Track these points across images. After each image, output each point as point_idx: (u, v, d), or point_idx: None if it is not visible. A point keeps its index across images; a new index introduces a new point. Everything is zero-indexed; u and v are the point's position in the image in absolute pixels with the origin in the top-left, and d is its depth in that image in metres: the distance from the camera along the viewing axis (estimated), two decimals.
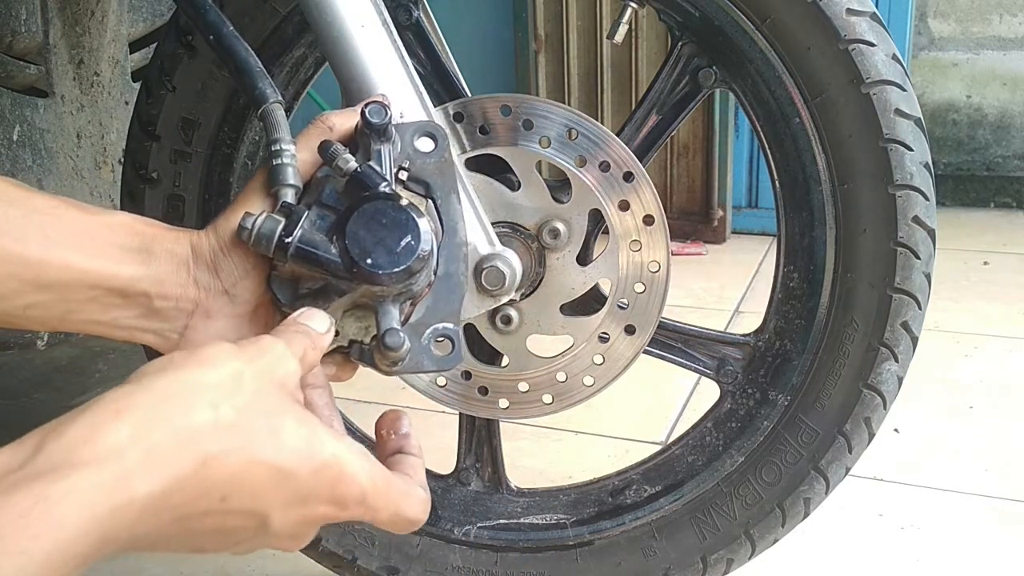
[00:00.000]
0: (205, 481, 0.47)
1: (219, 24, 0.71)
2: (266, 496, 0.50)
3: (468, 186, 0.81)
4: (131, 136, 0.99)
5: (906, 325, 0.91)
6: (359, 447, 0.56)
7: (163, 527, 0.47)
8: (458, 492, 1.07)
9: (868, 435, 0.95)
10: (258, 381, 0.52)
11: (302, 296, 0.64)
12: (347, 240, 0.60)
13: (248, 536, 0.52)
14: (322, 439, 0.53)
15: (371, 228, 0.61)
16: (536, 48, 2.87)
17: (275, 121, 0.66)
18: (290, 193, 0.63)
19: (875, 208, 0.88)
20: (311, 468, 0.52)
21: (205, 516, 0.48)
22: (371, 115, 0.64)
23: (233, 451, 0.48)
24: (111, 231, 0.63)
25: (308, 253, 0.60)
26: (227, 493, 0.48)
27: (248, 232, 0.61)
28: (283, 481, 0.51)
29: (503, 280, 0.80)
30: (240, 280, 0.64)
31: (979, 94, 3.27)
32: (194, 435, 0.47)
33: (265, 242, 0.60)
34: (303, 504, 0.52)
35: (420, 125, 0.70)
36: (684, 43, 0.93)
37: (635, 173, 0.86)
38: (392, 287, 0.62)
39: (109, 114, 1.43)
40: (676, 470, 1.02)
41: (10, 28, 1.20)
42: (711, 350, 1.00)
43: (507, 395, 0.94)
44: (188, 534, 0.49)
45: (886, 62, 0.85)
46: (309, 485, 0.52)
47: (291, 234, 0.60)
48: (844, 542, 1.32)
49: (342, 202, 0.62)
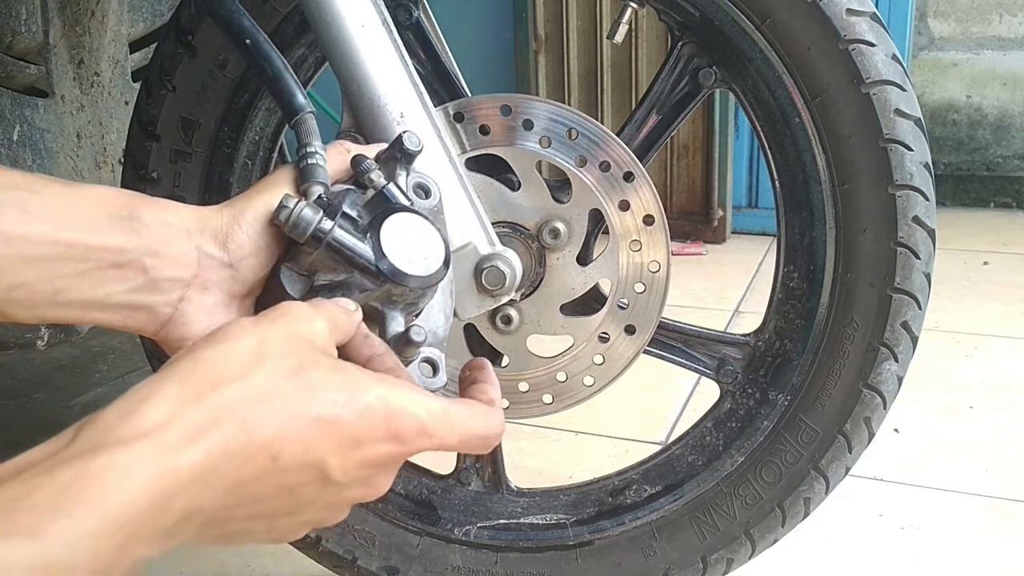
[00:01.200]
0: (250, 445, 0.47)
1: (254, 31, 0.71)
2: (317, 446, 0.50)
3: (469, 186, 0.81)
4: (131, 136, 0.99)
5: (906, 325, 0.91)
6: (408, 385, 0.56)
7: (223, 498, 0.46)
8: (458, 492, 1.07)
9: (868, 435, 0.95)
10: (283, 343, 0.52)
11: (315, 290, 0.64)
12: (381, 240, 0.63)
13: (317, 491, 0.51)
14: (361, 382, 0.53)
15: (401, 235, 0.64)
16: (536, 48, 2.87)
17: (309, 128, 0.69)
18: (320, 191, 0.64)
19: (875, 208, 0.88)
20: (356, 411, 0.51)
21: (261, 479, 0.48)
22: (408, 142, 0.67)
23: (271, 412, 0.48)
24: (95, 202, 0.61)
25: (343, 244, 0.62)
26: (276, 451, 0.48)
27: (288, 213, 0.61)
28: (330, 428, 0.50)
29: (503, 280, 0.80)
30: (247, 256, 0.64)
31: (979, 94, 3.28)
32: (229, 406, 0.47)
33: (304, 226, 0.61)
34: (359, 446, 0.52)
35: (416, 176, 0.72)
36: (684, 43, 0.93)
37: (635, 173, 0.86)
38: (413, 291, 0.64)
39: (109, 114, 1.43)
40: (676, 470, 1.02)
41: (10, 28, 1.20)
42: (711, 350, 1.00)
43: (507, 395, 0.94)
44: (254, 502, 0.49)
45: (886, 62, 0.85)
46: (358, 427, 0.51)
47: (329, 224, 0.62)
48: (844, 542, 1.32)
49: (363, 213, 0.64)
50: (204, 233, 0.63)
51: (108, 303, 0.62)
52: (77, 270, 0.59)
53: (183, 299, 0.63)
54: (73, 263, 0.59)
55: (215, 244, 0.63)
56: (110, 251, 0.60)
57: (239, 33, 0.72)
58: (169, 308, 0.63)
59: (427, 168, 0.78)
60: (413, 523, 1.05)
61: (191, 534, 0.46)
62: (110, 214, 0.61)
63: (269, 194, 0.65)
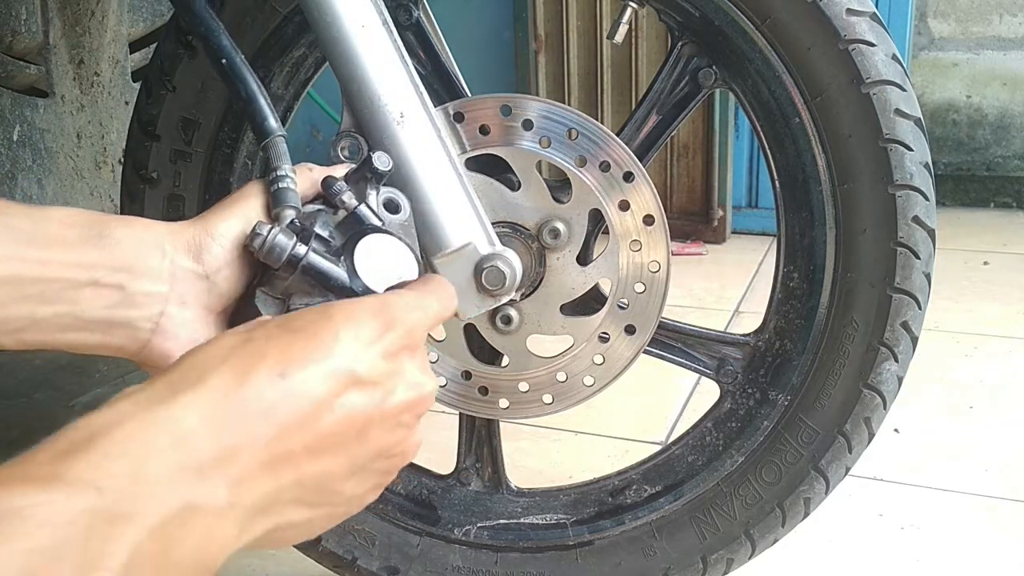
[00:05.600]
0: (250, 373, 0.47)
1: (231, 51, 0.72)
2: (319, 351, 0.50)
3: (469, 186, 0.81)
4: (131, 136, 0.99)
5: (906, 325, 0.91)
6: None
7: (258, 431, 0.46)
8: (458, 492, 1.07)
9: (868, 435, 0.95)
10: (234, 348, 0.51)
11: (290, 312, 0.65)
12: (354, 261, 0.64)
13: (360, 399, 0.52)
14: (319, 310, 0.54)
15: (375, 255, 0.65)
16: (536, 48, 2.87)
17: (279, 151, 0.70)
18: (292, 215, 0.65)
19: (875, 208, 0.88)
20: (343, 312, 0.54)
21: (285, 403, 0.48)
22: (378, 162, 0.68)
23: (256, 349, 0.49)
24: (62, 222, 0.61)
25: (318, 268, 0.63)
26: (281, 368, 0.49)
27: (262, 240, 0.62)
28: (321, 331, 0.52)
29: (503, 280, 0.80)
30: (222, 268, 0.64)
31: (979, 94, 3.28)
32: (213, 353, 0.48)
33: (278, 252, 0.62)
34: (361, 341, 0.53)
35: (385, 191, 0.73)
36: (684, 43, 0.93)
37: (635, 173, 0.86)
38: None
39: (109, 114, 1.43)
40: (676, 470, 1.02)
41: (10, 28, 1.20)
42: (711, 350, 1.00)
43: (507, 395, 0.94)
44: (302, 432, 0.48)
45: (886, 62, 0.85)
46: (352, 323, 0.53)
47: (303, 249, 0.63)
48: (844, 542, 1.32)
49: (335, 234, 0.66)
50: (177, 247, 0.64)
51: (85, 320, 0.61)
52: (50, 289, 0.59)
53: (162, 314, 0.63)
54: (45, 283, 0.59)
55: (189, 257, 0.64)
56: (82, 268, 0.60)
57: (216, 52, 0.72)
58: (149, 324, 0.63)
59: (427, 168, 0.78)
60: (413, 523, 1.05)
61: (269, 485, 0.46)
62: (80, 233, 0.61)
63: (240, 208, 0.66)
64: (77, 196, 1.44)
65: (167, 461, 0.42)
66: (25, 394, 1.87)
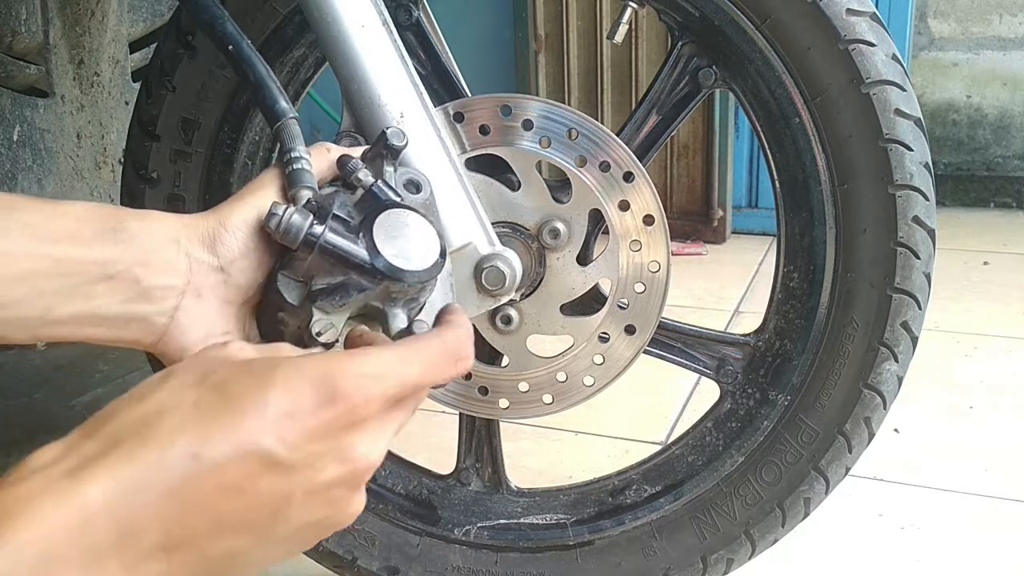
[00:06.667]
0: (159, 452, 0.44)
1: (237, 37, 0.71)
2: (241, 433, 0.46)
3: (468, 186, 0.81)
4: (131, 136, 0.99)
5: (906, 325, 0.91)
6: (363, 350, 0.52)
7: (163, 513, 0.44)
8: (458, 492, 1.07)
9: (868, 435, 0.95)
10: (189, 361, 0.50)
11: (312, 295, 0.64)
12: (374, 237, 0.62)
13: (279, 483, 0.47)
14: (273, 361, 0.49)
15: (395, 231, 0.63)
16: (536, 48, 2.87)
17: (293, 133, 0.68)
18: (308, 195, 0.64)
19: (875, 208, 0.88)
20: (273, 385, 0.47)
21: (197, 483, 0.45)
22: (392, 138, 0.66)
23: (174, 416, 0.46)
24: (76, 216, 0.60)
25: (336, 246, 0.61)
26: (194, 449, 0.45)
27: (278, 220, 0.61)
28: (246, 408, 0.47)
29: (503, 280, 0.80)
30: (238, 259, 0.63)
31: (979, 94, 3.28)
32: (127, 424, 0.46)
33: (295, 231, 0.61)
34: (291, 418, 0.47)
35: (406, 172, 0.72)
36: (684, 43, 0.93)
37: (635, 173, 0.86)
38: (412, 286, 0.63)
39: (109, 114, 1.43)
40: (676, 470, 1.02)
41: (10, 28, 1.20)
42: (711, 350, 1.00)
43: (507, 395, 0.94)
44: (206, 513, 0.45)
45: (886, 62, 0.85)
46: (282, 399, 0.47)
47: (320, 228, 0.61)
48: (844, 542, 1.32)
49: (353, 213, 0.64)
50: (192, 239, 0.63)
51: (101, 316, 0.61)
52: (66, 285, 0.59)
53: (178, 308, 0.62)
54: (61, 278, 0.58)
55: (204, 249, 0.63)
56: (97, 263, 0.59)
57: (223, 39, 0.72)
58: (164, 318, 0.62)
59: (427, 168, 0.78)
60: (413, 523, 1.05)
61: (162, 567, 0.44)
62: (93, 227, 0.60)
63: (255, 197, 0.64)
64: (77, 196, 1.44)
65: (70, 548, 0.41)
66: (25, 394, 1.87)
